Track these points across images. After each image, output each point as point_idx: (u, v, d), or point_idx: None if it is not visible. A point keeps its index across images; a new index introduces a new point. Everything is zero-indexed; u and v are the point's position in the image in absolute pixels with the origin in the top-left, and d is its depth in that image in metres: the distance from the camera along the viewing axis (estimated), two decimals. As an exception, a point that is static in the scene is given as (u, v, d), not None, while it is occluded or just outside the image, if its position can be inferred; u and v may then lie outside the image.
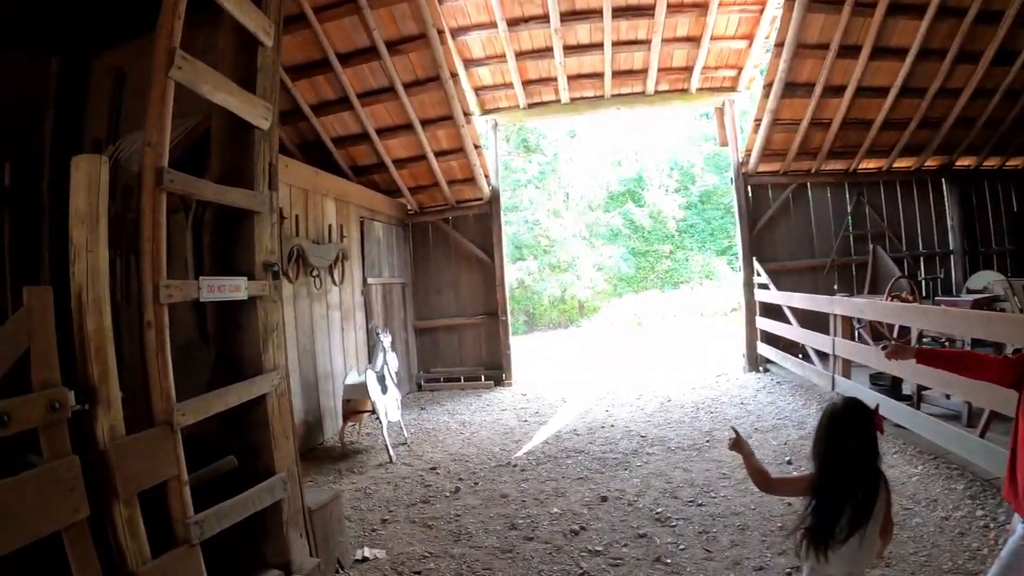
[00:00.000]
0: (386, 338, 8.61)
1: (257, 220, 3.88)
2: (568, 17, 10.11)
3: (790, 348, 10.70)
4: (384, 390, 8.10)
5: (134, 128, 4.37)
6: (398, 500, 6.29)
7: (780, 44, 9.98)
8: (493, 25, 10.12)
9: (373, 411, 7.86)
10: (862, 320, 8.75)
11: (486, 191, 12.12)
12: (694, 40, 10.67)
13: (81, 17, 4.73)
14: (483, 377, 12.28)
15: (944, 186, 12.29)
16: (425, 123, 10.68)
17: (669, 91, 11.73)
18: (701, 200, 28.98)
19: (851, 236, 12.00)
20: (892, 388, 7.76)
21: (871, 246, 11.47)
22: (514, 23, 10.17)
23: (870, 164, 12.00)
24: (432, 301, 12.69)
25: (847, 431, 2.64)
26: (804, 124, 10.94)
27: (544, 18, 10.04)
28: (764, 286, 11.37)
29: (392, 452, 7.69)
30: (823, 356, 9.07)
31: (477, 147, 11.29)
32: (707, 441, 7.41)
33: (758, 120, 11.15)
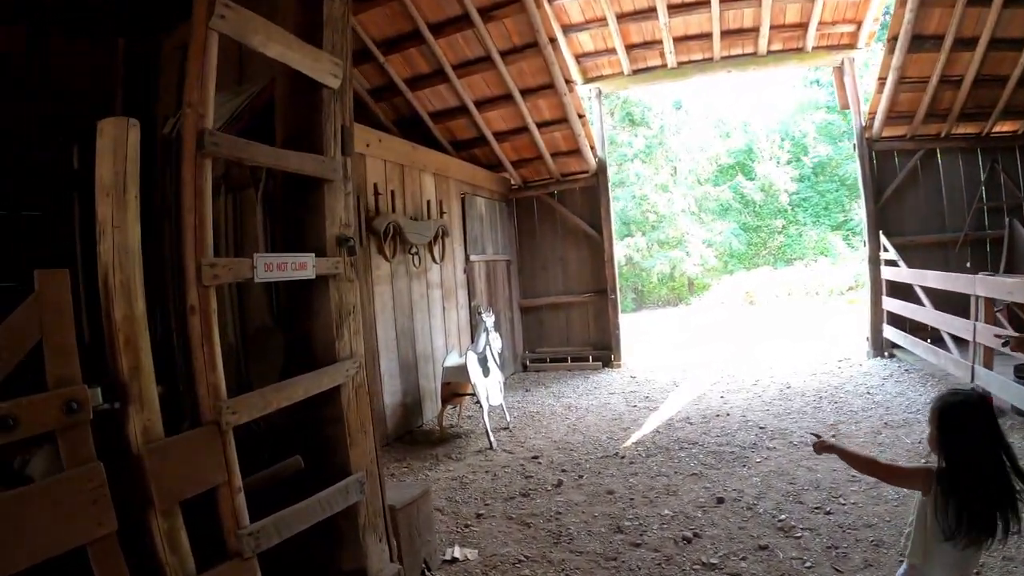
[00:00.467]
0: (489, 318, 8.16)
1: (328, 189, 3.42)
2: (671, -27, 9.21)
3: (917, 332, 9.47)
4: (486, 372, 7.66)
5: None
6: (496, 492, 5.82)
7: (905, -9, 8.67)
8: (591, -15, 9.38)
9: (473, 395, 7.45)
10: (997, 302, 7.45)
11: (592, 163, 11.40)
12: (808, -8, 9.49)
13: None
14: (591, 358, 11.63)
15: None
16: (525, 93, 10.06)
17: (783, 51, 10.55)
18: (814, 172, 27.23)
19: (985, 208, 10.41)
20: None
21: (1007, 219, 10.02)
22: (614, -18, 9.38)
23: (1005, 127, 10.34)
24: (538, 279, 12.16)
25: (968, 426, 2.50)
26: (933, 82, 9.46)
27: (646, -25, 9.18)
28: (892, 263, 10.02)
29: (492, 438, 7.24)
30: (960, 342, 7.86)
31: (581, 116, 10.56)
32: (832, 436, 6.49)
33: (882, 79, 9.81)
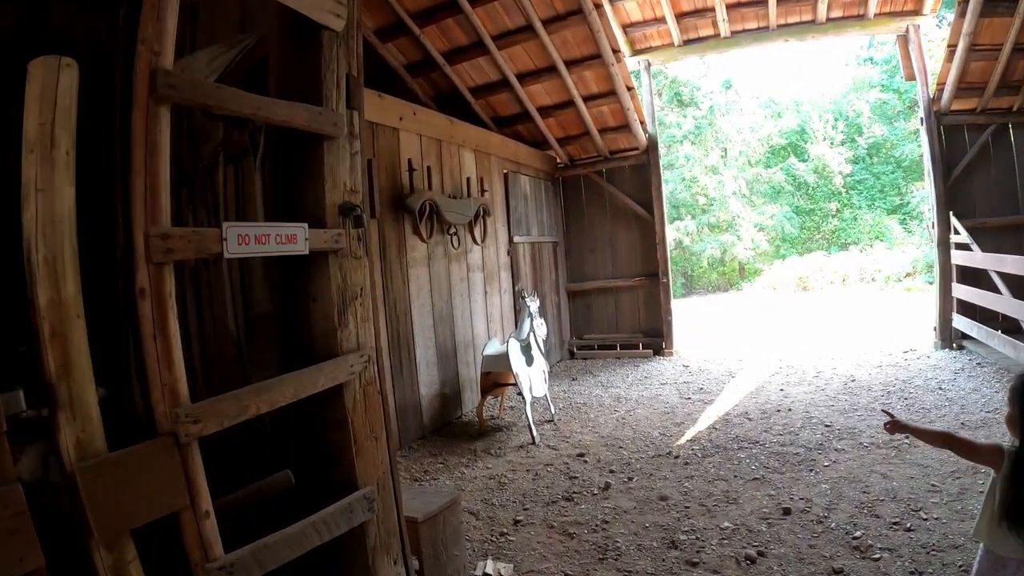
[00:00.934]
0: (533, 303, 7.56)
1: (328, 148, 2.84)
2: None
3: (987, 321, 8.53)
4: (529, 361, 7.08)
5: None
6: (537, 494, 5.24)
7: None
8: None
9: (515, 385, 6.88)
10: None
11: (642, 139, 10.62)
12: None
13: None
14: (641, 345, 10.91)
15: None
16: (570, 64, 9.31)
17: (843, 18, 9.57)
18: (869, 153, 25.95)
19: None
20: None
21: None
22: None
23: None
24: (586, 261, 11.49)
25: None
26: (1006, 50, 8.33)
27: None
28: (963, 246, 9.03)
29: (535, 432, 6.66)
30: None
31: (630, 89, 9.77)
32: (906, 438, 5.74)
33: (952, 46, 8.73)
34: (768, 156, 26.85)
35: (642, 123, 10.42)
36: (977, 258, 8.60)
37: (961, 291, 9.10)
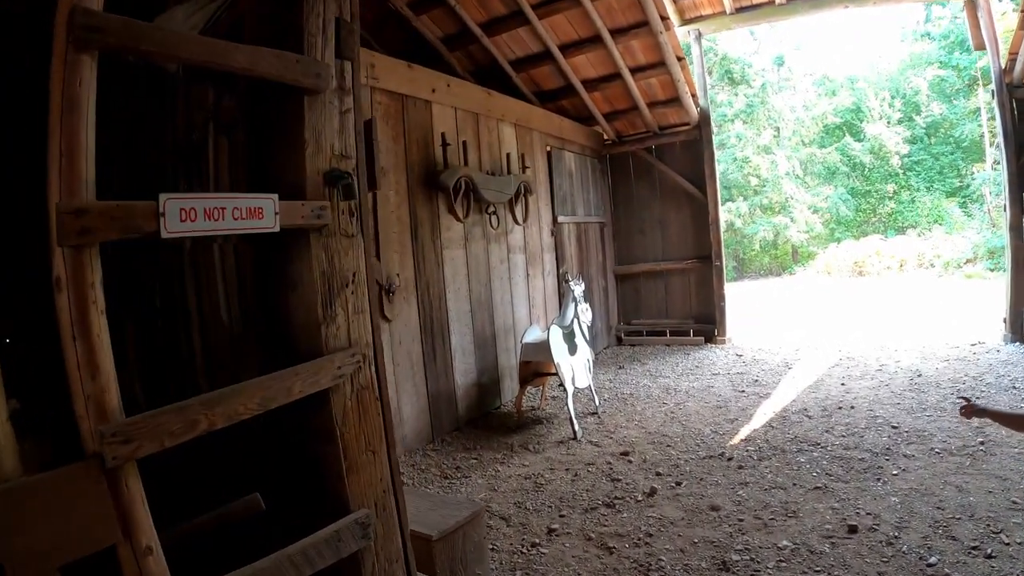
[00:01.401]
0: (577, 287, 6.98)
1: (310, 105, 2.34)
2: None
3: None
4: (572, 349, 6.53)
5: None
6: (575, 499, 4.71)
7: None
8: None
9: (556, 375, 6.35)
10: None
11: (694, 113, 9.87)
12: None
13: None
14: (692, 332, 10.23)
15: None
16: (615, 33, 8.57)
17: None
18: (927, 132, 24.69)
19: None
20: None
21: None
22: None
23: None
24: (634, 243, 10.83)
25: None
26: None
27: None
28: None
29: (577, 427, 6.12)
30: None
31: (680, 59, 9.00)
32: (980, 443, 4.98)
33: None
34: (822, 135, 25.95)
35: (693, 96, 9.66)
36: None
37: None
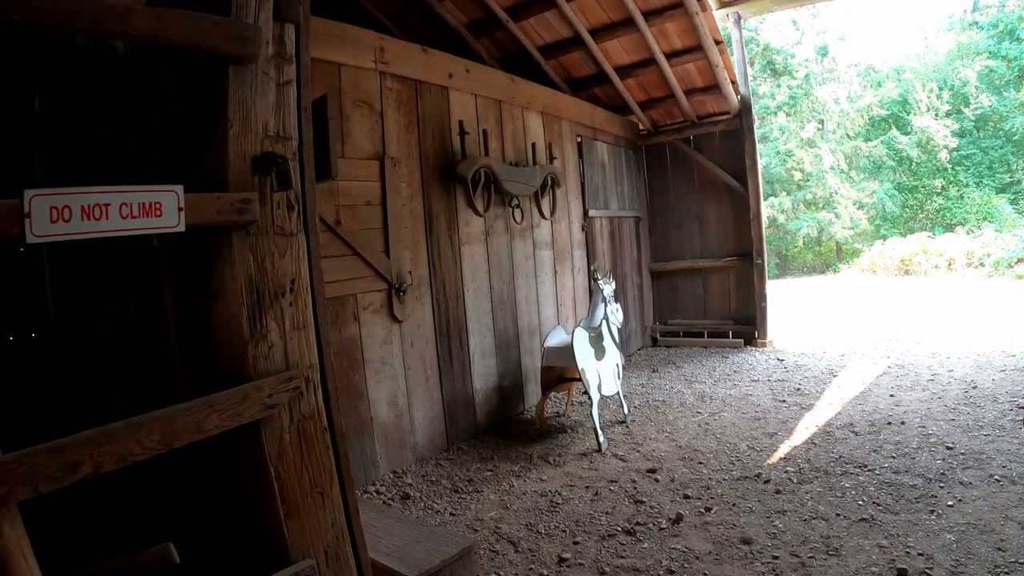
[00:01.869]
0: (607, 285, 6.44)
1: (236, 76, 1.88)
2: None
3: None
4: (600, 354, 6.00)
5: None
6: (593, 522, 4.19)
7: None
8: None
9: (581, 380, 5.82)
10: None
11: (733, 101, 9.16)
12: None
13: None
14: (731, 333, 9.52)
15: None
16: (649, 15, 7.90)
17: None
18: (976, 126, 23.39)
19: None
20: None
21: None
22: None
23: None
24: (671, 239, 10.19)
25: None
26: None
27: None
28: None
29: (602, 438, 5.59)
30: None
31: (718, 43, 8.30)
32: None
33: None
34: (868, 128, 24.87)
35: (733, 83, 8.95)
36: None
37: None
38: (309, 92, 2.08)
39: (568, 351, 5.74)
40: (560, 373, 6.18)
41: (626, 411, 6.37)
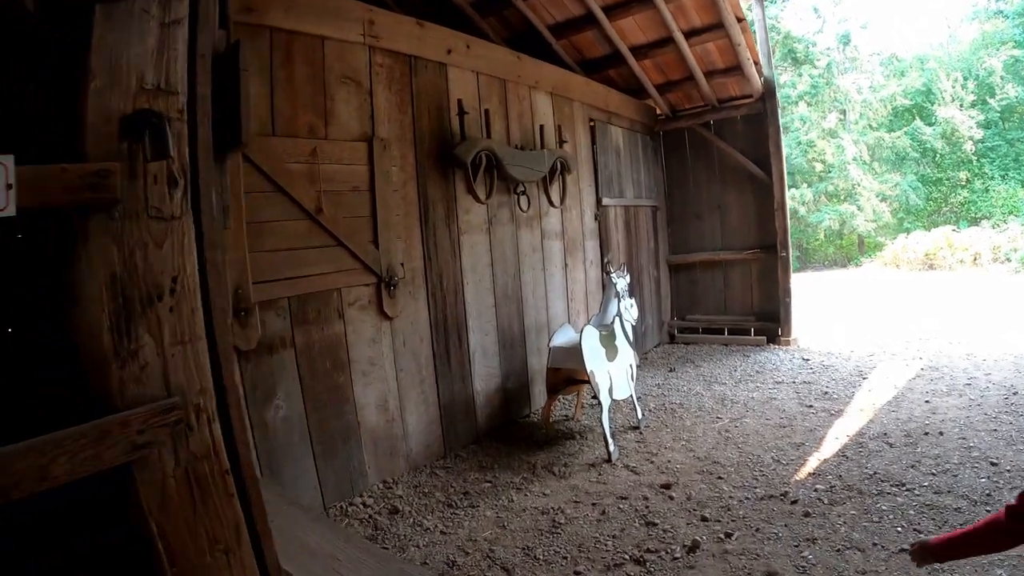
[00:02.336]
0: (621, 279, 5.93)
1: (103, 15, 1.41)
2: None
3: None
4: (612, 354, 5.51)
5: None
6: (597, 547, 3.71)
7: None
8: None
9: (589, 382, 5.33)
10: None
11: (756, 83, 8.52)
12: None
13: None
14: (752, 331, 8.96)
15: None
16: (666, -11, 7.34)
17: None
18: (1002, 117, 22.57)
19: None
20: None
21: None
22: None
23: None
24: (690, 230, 9.62)
25: None
26: None
27: None
28: None
29: (612, 447, 5.10)
30: None
31: (740, 20, 7.68)
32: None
33: None
34: (891, 119, 24.18)
35: (756, 64, 8.33)
36: None
37: None
38: (210, 34, 1.60)
39: (576, 351, 5.25)
40: (568, 375, 5.70)
41: (640, 416, 5.87)
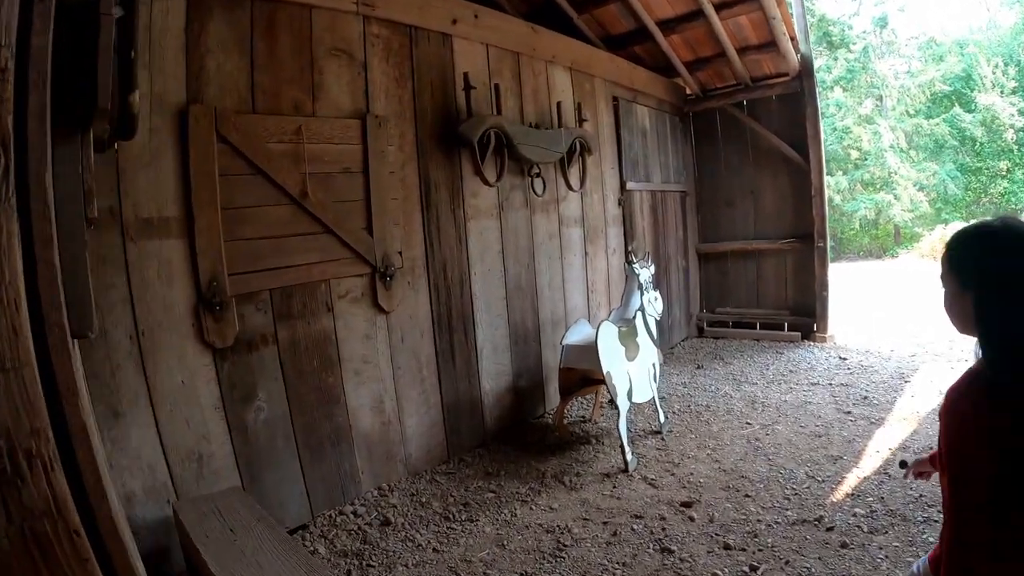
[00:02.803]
0: (644, 270, 5.43)
1: None
2: None
3: None
4: (632, 352, 5.06)
5: None
6: (606, 577, 3.31)
7: None
8: None
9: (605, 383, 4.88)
10: None
11: (793, 61, 7.87)
12: None
13: None
14: (786, 325, 8.37)
15: None
16: (695, -43, 6.76)
17: None
18: None
19: None
20: None
21: None
22: None
23: None
24: (722, 217, 9.07)
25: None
26: None
27: None
28: None
29: (629, 455, 4.65)
30: None
31: None
32: None
33: None
34: (929, 105, 23.30)
35: (792, 40, 7.66)
36: None
37: None
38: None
39: (592, 350, 4.80)
40: (584, 375, 5.27)
41: (662, 419, 5.41)
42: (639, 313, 5.34)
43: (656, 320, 5.54)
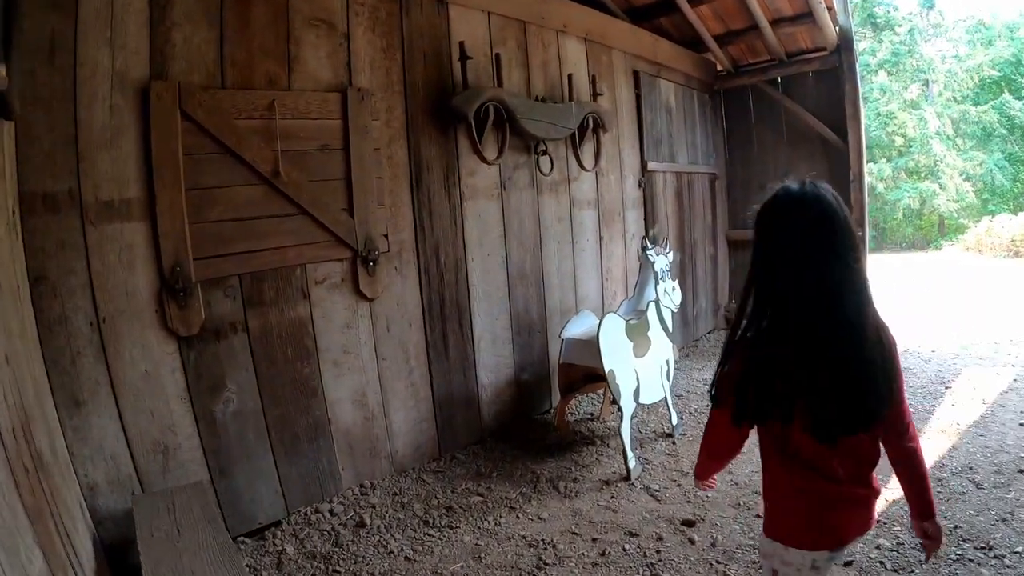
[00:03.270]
0: (660, 257, 5.00)
1: None
2: None
3: None
4: (642, 348, 4.67)
5: None
6: (587, 606, 2.98)
7: None
8: None
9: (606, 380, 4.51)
10: None
11: (831, 34, 7.26)
12: None
13: None
14: (820, 318, 7.92)
15: None
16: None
17: None
18: None
19: None
20: None
21: None
22: None
23: None
24: (753, 201, 8.23)
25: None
26: None
27: None
28: None
29: (632, 462, 4.28)
30: None
31: None
32: None
33: None
34: (977, 91, 22.36)
35: (830, 10, 7.03)
36: None
37: None
38: None
39: (593, 345, 4.45)
40: (587, 371, 4.92)
41: (674, 421, 5.03)
42: (652, 305, 4.95)
43: (673, 312, 5.14)
